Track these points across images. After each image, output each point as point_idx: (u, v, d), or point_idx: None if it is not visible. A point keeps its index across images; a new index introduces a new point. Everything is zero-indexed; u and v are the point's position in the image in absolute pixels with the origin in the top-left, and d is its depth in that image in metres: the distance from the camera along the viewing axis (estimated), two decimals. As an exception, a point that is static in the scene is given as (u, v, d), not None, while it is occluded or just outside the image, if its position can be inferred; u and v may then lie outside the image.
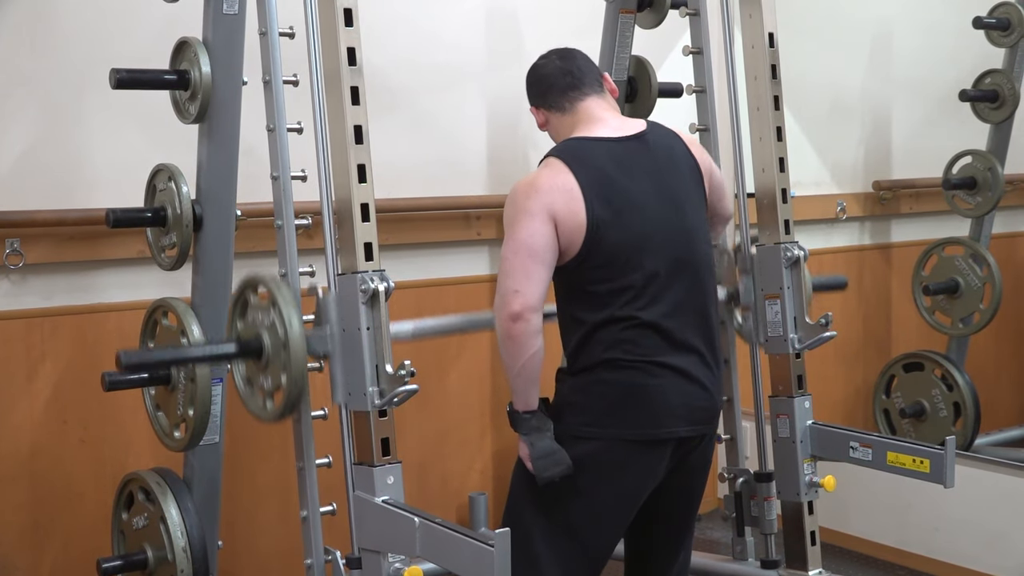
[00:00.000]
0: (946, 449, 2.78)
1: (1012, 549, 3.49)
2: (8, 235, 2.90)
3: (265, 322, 2.38)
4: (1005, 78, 4.17)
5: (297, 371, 2.32)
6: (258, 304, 2.41)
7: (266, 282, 2.38)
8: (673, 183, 2.47)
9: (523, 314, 2.29)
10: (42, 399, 2.99)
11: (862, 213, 4.52)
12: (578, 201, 2.34)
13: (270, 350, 2.37)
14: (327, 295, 2.38)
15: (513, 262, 2.33)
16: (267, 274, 2.39)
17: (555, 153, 2.44)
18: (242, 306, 2.46)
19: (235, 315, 2.47)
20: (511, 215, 2.38)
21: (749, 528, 3.28)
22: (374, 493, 2.31)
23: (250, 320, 2.43)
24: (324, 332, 2.38)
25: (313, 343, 2.37)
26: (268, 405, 2.42)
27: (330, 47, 2.36)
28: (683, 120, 3.43)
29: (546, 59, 2.58)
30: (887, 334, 4.59)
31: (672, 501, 2.56)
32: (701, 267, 2.47)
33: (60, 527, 3.03)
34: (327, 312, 2.37)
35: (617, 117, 2.53)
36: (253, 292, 2.43)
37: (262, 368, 2.40)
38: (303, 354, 2.32)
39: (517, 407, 2.40)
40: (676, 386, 2.39)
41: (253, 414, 2.47)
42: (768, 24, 3.14)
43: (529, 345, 2.31)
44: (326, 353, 2.38)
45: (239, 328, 2.46)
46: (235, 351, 2.41)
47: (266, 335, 2.37)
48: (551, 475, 2.35)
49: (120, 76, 2.53)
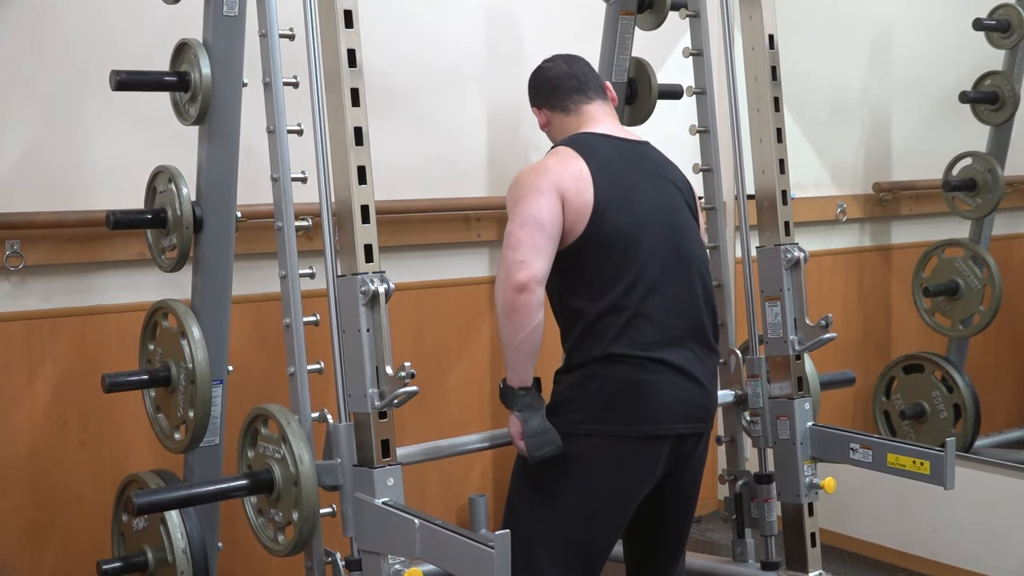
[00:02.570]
0: (946, 451, 2.78)
1: (1012, 550, 3.49)
2: (8, 237, 2.90)
3: (276, 455, 2.37)
4: (1005, 80, 4.17)
5: (309, 509, 2.31)
6: (268, 436, 2.40)
7: (275, 416, 2.36)
8: (668, 188, 2.54)
9: (528, 285, 2.31)
10: (42, 401, 2.99)
11: (862, 215, 4.52)
12: (587, 182, 2.39)
13: (281, 485, 2.36)
14: (336, 424, 2.35)
15: (519, 235, 2.34)
16: (276, 407, 2.38)
17: (564, 143, 2.50)
18: (252, 436, 2.45)
19: (244, 443, 2.46)
20: (518, 194, 2.40)
21: (749, 530, 3.28)
22: (374, 495, 2.31)
23: (260, 450, 2.43)
24: (335, 464, 2.35)
25: (323, 476, 2.35)
26: (280, 539, 2.41)
27: (330, 49, 2.36)
28: (683, 122, 3.44)
29: (551, 62, 2.64)
30: (887, 336, 4.59)
31: (672, 500, 2.56)
32: (696, 264, 2.51)
33: (60, 528, 3.03)
34: (338, 445, 2.35)
35: (617, 124, 2.61)
36: (263, 424, 2.42)
37: (273, 501, 2.39)
38: (315, 492, 2.32)
39: (512, 383, 2.40)
40: (673, 383, 2.41)
41: (265, 547, 2.45)
42: (768, 26, 3.14)
43: (531, 317, 2.32)
44: (336, 486, 2.36)
45: (250, 457, 2.45)
46: (247, 484, 2.39)
47: (276, 468, 2.37)
48: (542, 454, 2.36)
49: (120, 78, 2.53)
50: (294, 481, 2.32)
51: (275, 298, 2.51)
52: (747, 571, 3.28)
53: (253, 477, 2.39)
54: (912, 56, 4.61)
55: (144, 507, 2.31)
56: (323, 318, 2.39)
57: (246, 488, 2.39)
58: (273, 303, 2.62)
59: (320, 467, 2.34)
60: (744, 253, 3.38)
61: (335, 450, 2.35)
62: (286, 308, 2.42)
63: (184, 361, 2.56)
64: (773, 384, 3.12)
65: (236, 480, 2.40)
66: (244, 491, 2.40)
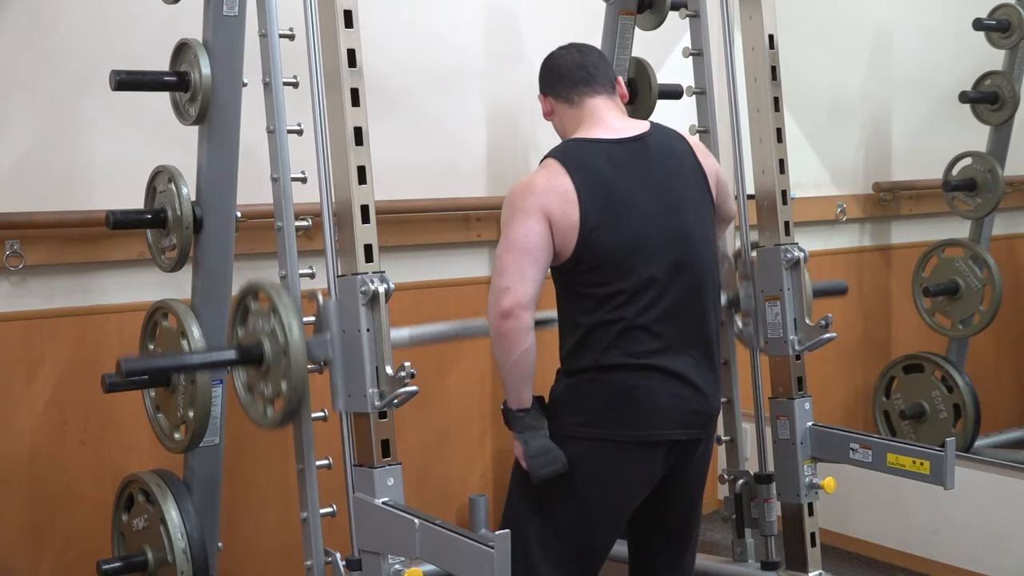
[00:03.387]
0: (946, 451, 2.78)
1: (1012, 550, 3.49)
2: (8, 236, 2.89)
3: (265, 328, 2.37)
4: (1005, 80, 4.17)
5: (298, 378, 2.32)
6: (259, 310, 2.41)
7: (266, 289, 2.37)
8: (674, 185, 2.47)
9: (513, 311, 2.31)
10: (42, 401, 2.99)
11: (862, 215, 4.52)
12: (572, 204, 2.35)
13: (271, 357, 2.37)
14: (327, 300, 2.37)
15: (506, 260, 2.34)
16: (267, 281, 2.39)
17: (553, 155, 2.44)
18: (243, 312, 2.45)
19: (235, 321, 2.46)
20: (507, 215, 2.39)
21: (749, 530, 3.28)
22: (374, 495, 2.31)
23: (251, 326, 2.43)
24: (324, 338, 2.37)
25: (313, 349, 2.36)
26: (268, 412, 2.42)
27: (330, 49, 2.36)
28: (683, 122, 3.43)
29: (565, 50, 2.58)
30: (887, 336, 4.59)
31: (672, 507, 2.55)
32: (701, 270, 2.46)
33: (60, 528, 3.03)
34: (327, 318, 2.37)
35: (621, 119, 2.52)
36: (254, 299, 2.42)
37: (262, 375, 2.40)
38: (303, 361, 2.32)
39: (511, 405, 2.41)
40: (668, 388, 2.39)
41: (254, 421, 2.46)
42: (768, 26, 3.14)
43: (519, 342, 2.32)
44: (326, 359, 2.37)
45: (239, 334, 2.46)
46: (235, 358, 2.40)
47: (266, 341, 2.37)
48: (546, 473, 2.35)
49: (120, 77, 2.53)
50: (283, 351, 2.32)
51: (275, 298, 2.51)
52: (747, 571, 3.28)
53: (243, 350, 2.40)
54: (912, 56, 4.61)
55: (133, 371, 2.32)
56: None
57: (235, 360, 2.40)
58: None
59: (310, 341, 2.35)
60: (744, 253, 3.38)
61: (325, 324, 2.36)
62: (286, 308, 2.42)
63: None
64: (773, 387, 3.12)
65: (226, 351, 2.41)
66: (233, 363, 2.41)
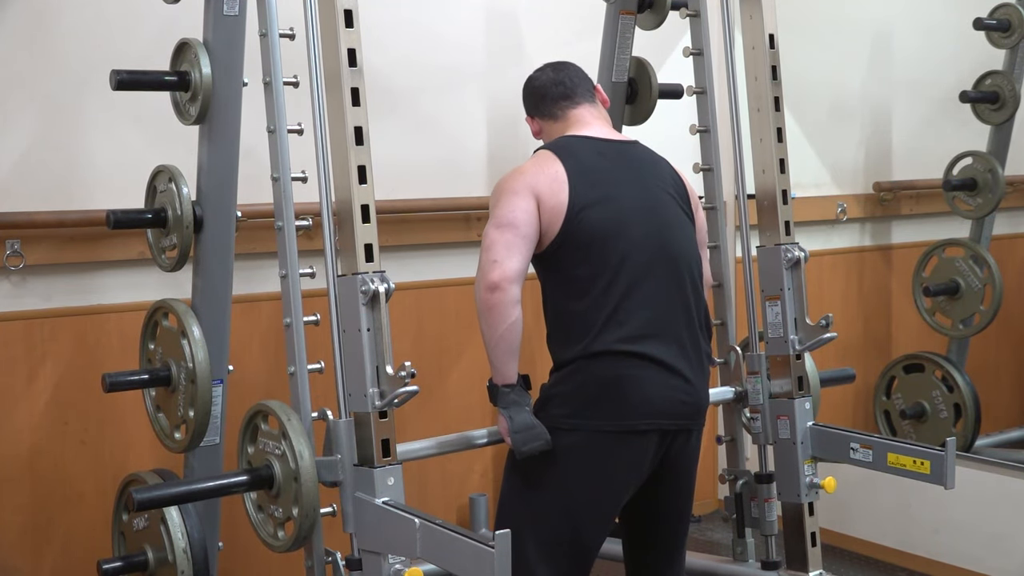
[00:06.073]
0: (946, 450, 2.78)
1: (1013, 550, 3.49)
2: (8, 236, 2.90)
3: (275, 451, 2.37)
4: (1005, 79, 4.17)
5: (308, 504, 2.31)
6: (268, 432, 2.40)
7: (276, 411, 2.35)
8: (657, 185, 2.56)
9: (500, 284, 2.34)
10: (42, 400, 2.99)
11: (862, 214, 4.52)
12: (562, 183, 2.43)
13: (281, 481, 2.36)
14: (337, 421, 2.35)
15: (493, 235, 2.39)
16: (276, 403, 2.37)
17: (545, 146, 2.56)
18: (252, 432, 2.44)
19: (244, 439, 2.45)
20: (495, 198, 2.46)
21: (749, 529, 3.28)
22: (375, 494, 2.31)
23: (260, 446, 2.42)
24: (335, 460, 2.34)
25: (323, 472, 2.34)
26: (280, 535, 2.41)
27: (330, 48, 2.36)
28: (683, 121, 3.44)
29: (540, 71, 2.71)
30: (887, 335, 4.59)
31: (665, 497, 2.57)
32: (683, 260, 2.51)
33: (60, 528, 3.03)
34: (338, 440, 2.34)
35: (606, 126, 2.64)
36: (263, 420, 2.42)
37: (273, 498, 2.39)
38: (315, 487, 2.31)
39: (496, 380, 2.43)
40: (656, 377, 2.42)
41: (264, 542, 2.45)
42: (768, 25, 3.14)
43: (506, 315, 2.35)
44: (336, 482, 2.35)
45: (249, 453, 2.45)
46: (246, 481, 2.39)
47: (276, 464, 2.36)
48: (530, 449, 2.38)
49: (120, 77, 2.53)
50: (294, 477, 2.32)
51: (275, 298, 2.51)
52: (747, 571, 3.28)
53: (253, 473, 2.39)
54: (912, 56, 4.61)
55: (144, 503, 2.31)
56: (323, 318, 2.39)
57: (246, 484, 2.39)
58: (273, 303, 2.62)
59: (320, 463, 2.34)
60: (744, 253, 3.38)
61: (335, 446, 2.35)
62: (286, 308, 2.42)
63: (184, 361, 2.56)
64: (773, 382, 3.12)
65: (236, 476, 2.40)
66: (244, 487, 2.39)
